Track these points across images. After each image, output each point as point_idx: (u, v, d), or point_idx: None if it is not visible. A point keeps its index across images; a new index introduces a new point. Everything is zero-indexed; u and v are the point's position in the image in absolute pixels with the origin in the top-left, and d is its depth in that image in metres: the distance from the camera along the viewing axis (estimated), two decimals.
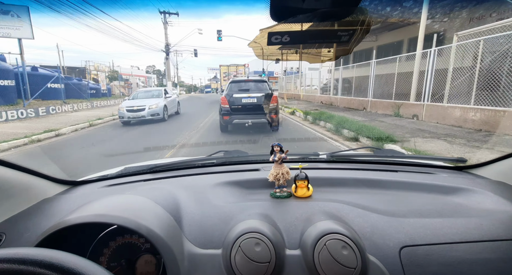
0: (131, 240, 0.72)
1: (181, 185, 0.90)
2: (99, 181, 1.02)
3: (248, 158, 1.16)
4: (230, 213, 0.72)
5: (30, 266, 0.35)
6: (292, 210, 0.73)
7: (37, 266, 0.35)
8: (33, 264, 0.35)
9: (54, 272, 0.35)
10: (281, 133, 6.24)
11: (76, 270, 0.36)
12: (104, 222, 0.60)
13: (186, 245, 0.63)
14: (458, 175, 0.98)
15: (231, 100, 6.18)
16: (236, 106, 6.14)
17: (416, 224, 0.66)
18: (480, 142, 4.61)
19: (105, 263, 0.70)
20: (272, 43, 0.64)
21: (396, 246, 0.61)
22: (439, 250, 0.60)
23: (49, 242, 0.59)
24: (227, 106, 6.15)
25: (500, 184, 0.87)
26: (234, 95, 6.24)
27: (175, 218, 0.70)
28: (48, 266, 0.35)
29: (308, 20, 0.56)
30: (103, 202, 0.71)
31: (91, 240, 0.72)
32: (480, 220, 0.67)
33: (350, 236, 0.59)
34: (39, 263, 0.35)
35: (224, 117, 6.16)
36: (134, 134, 7.10)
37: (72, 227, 0.59)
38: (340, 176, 0.96)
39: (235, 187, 0.89)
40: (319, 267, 0.56)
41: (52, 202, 0.82)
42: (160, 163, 1.10)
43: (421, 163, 1.11)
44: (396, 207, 0.76)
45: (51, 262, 0.36)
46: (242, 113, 6.13)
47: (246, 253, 0.58)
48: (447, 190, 0.85)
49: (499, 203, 0.74)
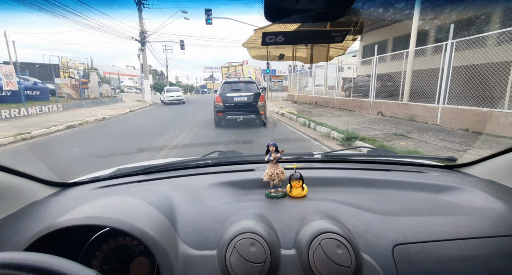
0: (124, 242, 0.71)
1: (175, 186, 0.89)
2: (91, 182, 1.00)
3: (243, 158, 1.16)
4: (225, 213, 0.72)
5: (18, 271, 0.34)
6: (287, 209, 0.73)
7: (25, 270, 0.34)
8: (21, 268, 0.34)
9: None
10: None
11: (66, 274, 0.35)
12: (96, 224, 0.59)
13: (180, 247, 0.63)
14: (449, 174, 1.00)
15: (224, 99, 6.93)
16: (229, 104, 6.92)
17: (409, 222, 0.67)
18: None
19: (97, 266, 0.69)
20: (267, 43, 0.64)
21: (389, 244, 0.62)
22: (431, 247, 0.62)
23: (39, 246, 0.58)
24: (221, 104, 6.90)
25: (489, 182, 0.90)
26: (227, 94, 7.00)
27: (169, 219, 0.69)
28: (36, 270, 0.34)
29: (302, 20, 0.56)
30: (95, 204, 0.70)
31: (83, 243, 0.71)
32: (470, 217, 0.69)
33: (344, 235, 0.60)
34: (27, 267, 0.34)
35: (219, 114, 6.91)
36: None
37: (63, 230, 0.57)
38: (334, 175, 0.96)
39: (230, 187, 0.89)
40: (314, 266, 0.56)
41: (42, 204, 0.80)
42: (154, 164, 1.09)
43: (413, 162, 1.13)
44: (389, 205, 0.77)
45: (40, 266, 0.35)
46: (234, 110, 6.94)
47: (241, 253, 0.58)
48: (438, 188, 0.87)
49: (488, 200, 0.76)
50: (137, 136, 6.63)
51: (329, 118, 8.02)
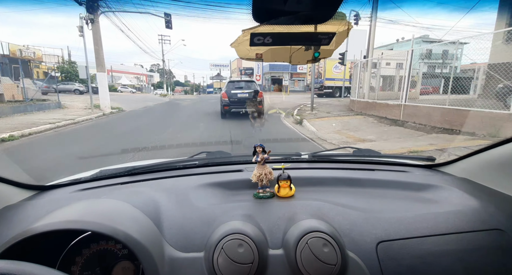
0: (107, 246, 0.69)
1: (161, 188, 0.87)
2: (71, 185, 0.95)
3: (231, 159, 1.15)
4: (212, 214, 0.71)
5: None
6: (275, 210, 0.74)
7: None
8: None
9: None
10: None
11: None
12: (77, 229, 0.56)
13: (166, 249, 0.61)
14: (428, 173, 1.05)
15: (229, 95, 8.44)
16: (233, 99, 8.45)
17: (391, 219, 0.70)
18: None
19: (77, 272, 0.66)
20: (255, 44, 0.64)
21: (373, 241, 0.64)
22: (412, 243, 0.64)
23: (14, 253, 0.54)
24: (227, 99, 8.40)
25: (464, 180, 0.95)
26: (231, 91, 8.49)
27: (155, 221, 0.67)
28: None
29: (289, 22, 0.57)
30: (75, 207, 0.67)
31: (62, 248, 0.67)
32: (447, 214, 0.72)
33: (330, 234, 0.61)
34: None
35: (225, 107, 8.45)
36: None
37: (40, 236, 0.54)
38: (321, 175, 0.98)
39: (217, 188, 0.88)
40: (301, 265, 0.57)
41: (16, 209, 0.76)
42: (138, 165, 1.06)
43: (396, 162, 1.17)
44: (373, 204, 0.79)
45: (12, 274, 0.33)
46: (238, 104, 8.51)
47: (228, 254, 0.57)
48: (418, 187, 0.91)
49: (463, 198, 0.81)
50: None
51: None
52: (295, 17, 0.54)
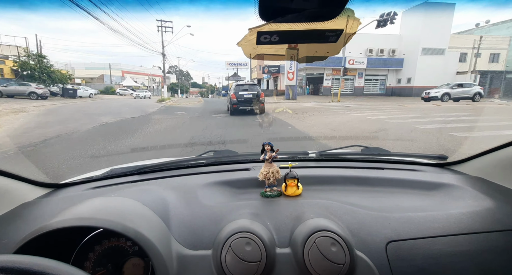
0: (118, 243, 0.70)
1: (170, 186, 0.88)
2: (83, 183, 0.98)
3: (238, 158, 1.16)
4: (220, 213, 0.71)
5: (8, 274, 0.33)
6: (282, 208, 0.74)
7: (15, 273, 0.33)
8: (10, 271, 0.33)
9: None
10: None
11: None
12: (89, 226, 0.58)
13: (175, 247, 0.62)
14: (440, 172, 1.02)
15: (237, 95, 10.21)
16: (241, 99, 10.23)
17: (401, 219, 0.68)
18: None
19: (90, 268, 0.68)
20: (261, 43, 0.64)
21: (383, 241, 0.63)
22: (423, 244, 0.63)
23: (30, 249, 0.56)
24: (235, 99, 10.17)
25: (478, 179, 0.92)
26: (239, 92, 10.27)
27: (164, 219, 0.68)
28: (27, 273, 0.34)
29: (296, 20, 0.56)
30: (87, 205, 0.68)
31: (75, 244, 0.69)
32: (460, 214, 0.70)
33: (339, 233, 0.60)
34: (17, 270, 0.34)
35: (234, 106, 10.24)
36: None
37: (54, 232, 0.56)
38: (329, 174, 0.97)
39: (225, 186, 0.88)
40: (309, 264, 0.57)
41: (32, 206, 0.79)
42: (148, 164, 1.08)
43: (405, 160, 1.15)
44: (382, 203, 0.78)
45: (31, 269, 0.34)
46: (244, 103, 10.32)
47: (236, 253, 0.58)
48: (429, 186, 0.88)
49: (477, 197, 0.78)
50: None
51: None
52: (302, 14, 0.54)
